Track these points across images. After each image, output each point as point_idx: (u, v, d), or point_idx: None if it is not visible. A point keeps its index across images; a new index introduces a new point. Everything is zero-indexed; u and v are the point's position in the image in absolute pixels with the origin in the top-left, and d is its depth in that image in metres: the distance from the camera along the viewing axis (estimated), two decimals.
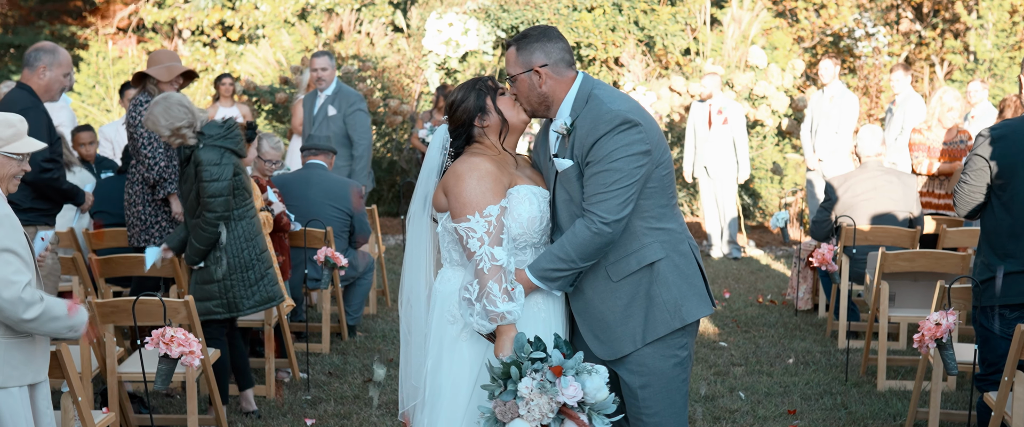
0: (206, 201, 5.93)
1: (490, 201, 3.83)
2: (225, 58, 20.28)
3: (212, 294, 6.07)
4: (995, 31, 16.19)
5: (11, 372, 4.10)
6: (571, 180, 3.87)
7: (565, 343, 3.60)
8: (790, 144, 14.87)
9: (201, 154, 5.91)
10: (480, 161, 3.89)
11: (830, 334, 8.35)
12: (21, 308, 4.01)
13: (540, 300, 3.94)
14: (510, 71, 3.95)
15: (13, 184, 4.25)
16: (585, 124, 3.84)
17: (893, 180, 8.09)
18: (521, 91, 3.92)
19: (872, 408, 6.51)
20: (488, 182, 3.84)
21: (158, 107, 5.88)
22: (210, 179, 5.91)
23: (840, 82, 11.69)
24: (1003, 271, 4.96)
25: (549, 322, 3.96)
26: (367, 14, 19.08)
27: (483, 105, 3.95)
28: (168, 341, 4.76)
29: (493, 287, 3.75)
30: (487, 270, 3.76)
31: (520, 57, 3.91)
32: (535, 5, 14.83)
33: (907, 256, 6.96)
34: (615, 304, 3.93)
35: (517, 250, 3.92)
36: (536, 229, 3.91)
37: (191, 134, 5.92)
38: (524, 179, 3.97)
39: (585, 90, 3.92)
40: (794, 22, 16.83)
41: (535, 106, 3.94)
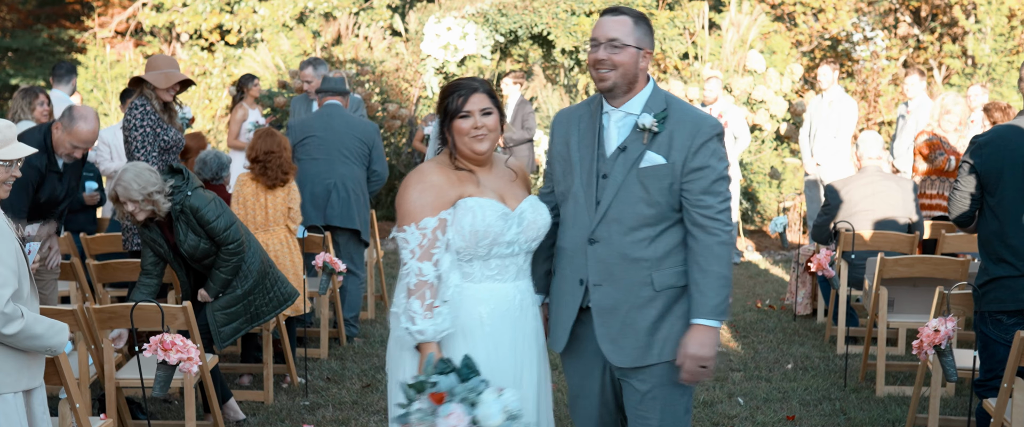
0: (222, 238, 6.00)
1: (428, 213, 3.76)
2: (223, 62, 20.27)
3: (238, 314, 6.18)
4: (993, 35, 16.21)
5: (5, 378, 4.07)
6: (656, 177, 3.79)
7: (466, 366, 3.47)
8: (788, 148, 14.87)
9: (190, 203, 5.92)
10: (431, 171, 3.85)
11: (829, 339, 8.34)
12: (1, 323, 3.95)
13: (511, 318, 3.86)
14: (622, 37, 3.80)
15: (3, 189, 4.25)
16: (684, 126, 3.80)
17: (892, 185, 8.08)
18: (622, 61, 3.78)
19: (871, 414, 6.50)
20: (430, 195, 3.78)
21: (128, 174, 5.80)
22: (213, 219, 5.96)
23: (839, 87, 11.70)
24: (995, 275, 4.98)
25: (519, 340, 3.88)
26: (365, 18, 19.09)
27: (446, 118, 3.87)
28: (166, 347, 4.75)
29: (414, 303, 3.70)
30: (412, 285, 3.72)
31: (636, 32, 3.81)
32: (534, 10, 14.83)
33: (906, 262, 6.95)
34: (650, 314, 3.86)
35: (462, 263, 3.83)
36: (481, 243, 3.78)
37: (163, 199, 5.87)
38: (484, 192, 3.85)
39: (660, 92, 3.88)
40: (793, 26, 16.84)
41: (617, 81, 3.80)
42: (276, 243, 7.17)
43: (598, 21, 3.86)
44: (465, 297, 3.82)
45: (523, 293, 3.92)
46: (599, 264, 3.85)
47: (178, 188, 5.95)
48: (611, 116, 3.88)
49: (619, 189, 3.81)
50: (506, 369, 3.82)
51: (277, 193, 7.22)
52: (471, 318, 3.82)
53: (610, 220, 3.83)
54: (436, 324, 3.69)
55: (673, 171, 3.78)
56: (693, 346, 3.77)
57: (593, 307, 3.90)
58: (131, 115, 6.93)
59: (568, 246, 3.94)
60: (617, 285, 3.85)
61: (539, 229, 3.90)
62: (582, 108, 3.99)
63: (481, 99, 3.84)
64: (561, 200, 4.00)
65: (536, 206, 3.93)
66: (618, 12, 3.85)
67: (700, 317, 3.77)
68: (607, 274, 3.85)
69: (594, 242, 3.85)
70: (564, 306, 3.99)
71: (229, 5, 20.99)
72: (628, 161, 3.82)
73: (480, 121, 3.82)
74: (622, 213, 3.81)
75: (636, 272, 3.83)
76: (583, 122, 3.94)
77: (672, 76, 14.85)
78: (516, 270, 3.90)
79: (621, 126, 3.87)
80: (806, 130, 11.90)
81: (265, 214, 7.15)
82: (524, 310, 3.91)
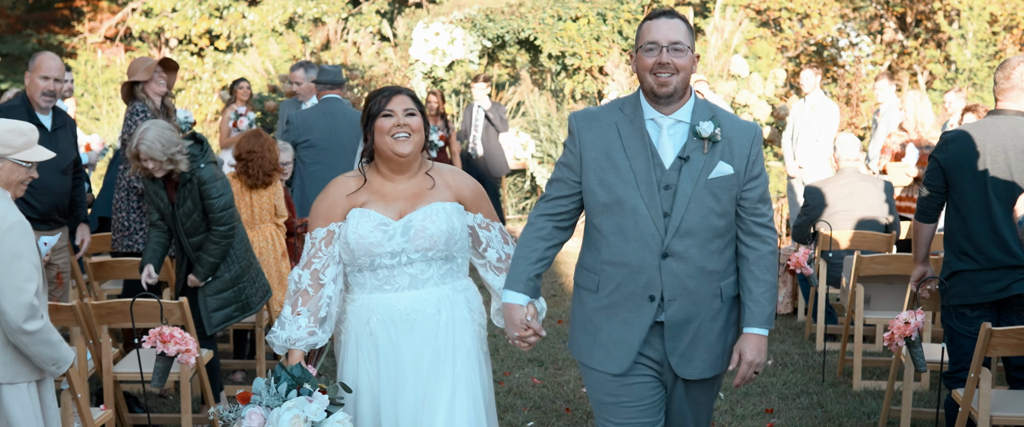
0: (218, 217, 6.15)
1: (319, 223, 3.85)
2: (213, 67, 20.41)
3: (229, 300, 6.35)
4: (975, 41, 16.44)
5: (20, 369, 4.27)
6: (726, 187, 3.71)
7: (288, 372, 3.47)
8: (772, 152, 15.07)
9: (200, 174, 6.09)
10: (338, 181, 3.92)
11: (808, 337, 8.54)
12: (24, 316, 4.14)
13: (402, 328, 3.85)
14: (683, 40, 3.68)
15: (21, 189, 4.42)
16: (740, 134, 3.74)
17: (869, 186, 8.29)
18: (684, 65, 3.65)
19: (847, 407, 6.70)
20: (325, 205, 3.86)
21: (151, 132, 5.99)
22: (217, 195, 6.13)
23: (821, 91, 11.91)
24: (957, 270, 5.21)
25: (411, 351, 3.86)
26: (354, 23, 19.25)
27: (369, 119, 3.88)
28: (165, 339, 4.92)
29: (285, 309, 3.82)
30: (290, 291, 3.83)
31: (690, 36, 3.71)
32: (521, 15, 15.03)
33: (881, 259, 7.16)
34: (717, 325, 3.81)
35: (354, 272, 3.87)
36: (358, 254, 3.79)
37: (183, 158, 6.05)
38: (374, 202, 3.85)
39: (700, 99, 3.79)
40: (778, 31, 17.04)
41: (677, 86, 3.66)
42: (261, 240, 7.31)
43: (652, 24, 3.70)
44: (356, 307, 3.88)
45: (420, 303, 3.85)
46: (674, 279, 3.71)
47: (194, 156, 6.12)
48: (660, 124, 3.72)
49: (689, 201, 3.67)
50: (394, 379, 3.84)
51: (262, 191, 7.36)
52: (361, 328, 3.87)
53: (684, 233, 3.69)
54: (286, 333, 3.78)
55: (739, 180, 3.72)
56: (752, 353, 3.77)
57: (666, 322, 3.76)
58: (131, 122, 7.09)
59: (632, 261, 3.73)
60: (692, 298, 3.74)
61: (432, 238, 3.81)
62: (613, 114, 3.80)
63: (404, 100, 3.85)
64: (599, 210, 3.79)
65: (431, 214, 3.84)
66: (672, 15, 3.72)
67: (756, 326, 3.77)
68: (682, 288, 3.72)
69: (668, 256, 3.70)
70: (625, 324, 3.80)
71: (218, 11, 21.11)
72: (694, 172, 3.68)
73: (403, 119, 3.81)
74: (696, 225, 3.68)
75: (709, 284, 3.75)
76: (624, 129, 3.74)
77: None
78: (409, 279, 3.84)
79: (674, 134, 3.73)
80: (789, 134, 12.09)
81: (251, 212, 7.30)
82: (421, 321, 3.85)
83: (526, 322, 3.85)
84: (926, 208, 5.41)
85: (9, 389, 4.29)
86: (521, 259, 3.89)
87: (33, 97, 6.63)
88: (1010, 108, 5.26)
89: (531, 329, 3.85)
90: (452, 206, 3.90)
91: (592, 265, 3.84)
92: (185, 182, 6.12)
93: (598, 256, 3.80)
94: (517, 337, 3.87)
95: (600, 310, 3.83)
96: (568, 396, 6.90)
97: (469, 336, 3.94)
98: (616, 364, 3.81)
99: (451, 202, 3.91)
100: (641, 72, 3.70)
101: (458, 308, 3.93)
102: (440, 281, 3.89)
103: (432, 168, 3.97)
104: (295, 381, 3.44)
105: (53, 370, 4.37)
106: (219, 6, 21.01)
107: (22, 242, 4.19)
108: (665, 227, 3.67)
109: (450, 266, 3.92)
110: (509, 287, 3.89)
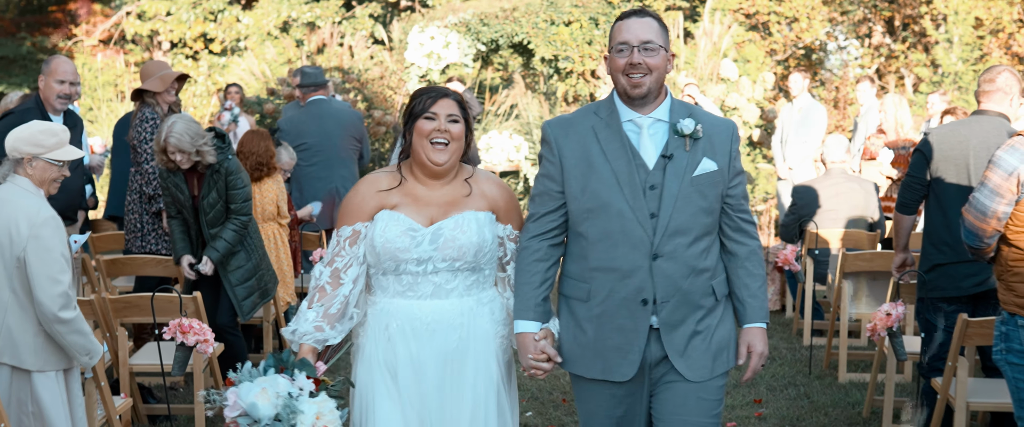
0: (239, 207, 6.44)
1: (346, 221, 3.74)
2: (208, 70, 20.60)
3: (253, 288, 6.66)
4: (960, 44, 16.73)
5: (49, 357, 4.53)
6: (712, 184, 3.65)
7: (279, 357, 3.44)
8: (761, 154, 15.34)
9: (227, 166, 6.37)
10: (370, 179, 3.81)
11: (796, 332, 8.81)
12: (59, 305, 4.43)
13: (420, 338, 3.75)
14: (655, 39, 3.62)
15: (54, 187, 4.69)
16: (719, 130, 3.70)
17: (855, 187, 8.57)
18: (657, 64, 3.60)
19: (833, 398, 6.97)
20: (354, 203, 3.75)
21: (179, 125, 6.24)
22: (240, 186, 6.42)
23: (808, 95, 12.17)
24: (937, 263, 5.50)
25: (429, 362, 3.75)
26: (348, 27, 19.48)
27: (406, 125, 3.77)
28: (185, 330, 5.17)
29: (303, 304, 3.73)
30: (311, 287, 3.75)
31: (663, 33, 3.64)
32: (514, 20, 15.30)
33: (866, 256, 7.44)
34: (711, 323, 3.72)
35: (377, 275, 3.77)
36: (384, 258, 3.69)
37: (210, 150, 6.32)
38: (405, 206, 3.73)
39: (676, 98, 3.74)
40: (767, 35, 17.29)
41: (651, 86, 3.60)
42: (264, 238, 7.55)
43: (623, 23, 3.64)
44: (377, 310, 3.78)
45: (441, 313, 3.74)
46: (666, 280, 3.63)
47: (220, 149, 6.40)
48: (640, 125, 3.66)
49: (677, 200, 3.60)
50: (404, 388, 3.74)
51: (265, 188, 7.57)
52: (379, 332, 3.76)
53: (673, 232, 3.61)
54: (294, 325, 3.68)
55: (723, 176, 3.67)
56: (760, 345, 3.77)
57: (661, 325, 3.67)
58: (141, 128, 7.30)
59: (622, 265, 3.64)
60: (685, 298, 3.66)
61: (461, 248, 3.69)
62: (588, 118, 3.72)
63: (450, 105, 3.71)
64: (583, 217, 3.69)
65: (462, 224, 3.72)
66: (643, 14, 3.65)
67: (759, 320, 3.76)
68: (675, 289, 3.64)
69: (659, 257, 3.61)
70: (621, 330, 3.70)
71: (213, 14, 21.32)
72: (679, 170, 3.62)
73: (445, 125, 3.68)
74: (684, 224, 3.61)
75: (701, 283, 3.67)
76: (602, 132, 3.67)
77: None
78: (433, 288, 3.73)
79: (654, 134, 3.66)
80: (778, 136, 12.34)
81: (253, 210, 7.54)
82: (442, 332, 3.74)
83: (540, 348, 3.71)
84: (908, 200, 5.70)
85: (40, 377, 4.54)
86: (524, 286, 3.76)
87: (48, 99, 6.88)
88: (992, 109, 5.57)
89: (545, 354, 3.72)
90: (485, 216, 3.77)
91: (580, 274, 3.73)
92: (212, 173, 6.38)
93: (586, 264, 3.70)
94: (532, 365, 3.72)
95: (593, 319, 3.71)
96: (564, 387, 7.14)
97: (490, 350, 3.82)
98: (619, 372, 3.71)
99: (485, 212, 3.78)
100: (614, 73, 3.64)
101: (481, 320, 3.80)
102: (465, 292, 3.78)
103: (471, 175, 3.82)
104: (280, 364, 3.40)
105: (85, 361, 4.63)
106: (213, 9, 21.21)
107: (55, 236, 4.46)
108: (654, 228, 3.59)
109: (477, 277, 3.80)
110: (519, 316, 3.76)
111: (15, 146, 4.58)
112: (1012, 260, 4.24)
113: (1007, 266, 4.26)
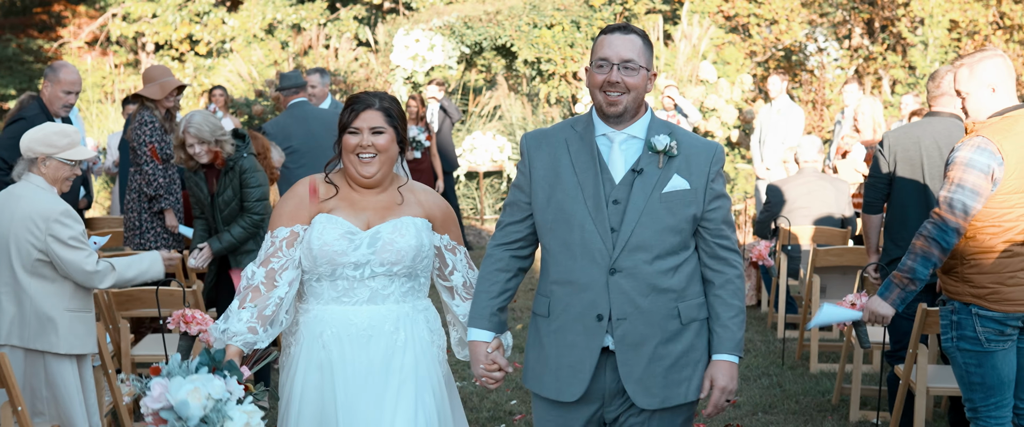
0: (251, 205, 6.55)
1: (282, 222, 3.68)
2: (194, 72, 20.81)
3: None
4: (936, 47, 17.04)
5: (74, 341, 4.86)
6: (682, 203, 3.52)
7: (211, 356, 3.30)
8: (740, 154, 15.66)
9: (243, 164, 6.53)
10: (306, 181, 3.77)
11: (771, 325, 9.14)
12: (96, 282, 4.91)
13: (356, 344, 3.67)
14: (636, 59, 3.51)
15: (66, 185, 5.02)
16: (699, 151, 3.57)
17: (827, 185, 8.90)
18: (635, 84, 3.49)
19: (804, 386, 7.30)
20: (291, 204, 3.70)
21: (198, 117, 6.45)
22: (255, 185, 6.55)
23: (786, 96, 12.48)
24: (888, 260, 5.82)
25: (364, 369, 3.66)
26: (333, 30, 19.74)
27: (339, 131, 3.72)
28: (188, 320, 5.44)
29: (233, 303, 3.62)
30: (242, 286, 3.65)
31: (646, 53, 3.54)
32: (498, 23, 15.63)
33: (836, 251, 7.76)
34: (676, 349, 3.55)
35: (312, 281, 3.70)
36: (320, 261, 3.62)
37: (228, 144, 6.51)
38: (341, 209, 3.70)
39: (656, 117, 3.64)
40: (747, 37, 17.59)
41: (628, 106, 3.50)
42: None
43: (606, 39, 3.55)
44: (310, 318, 3.70)
45: (378, 319, 3.68)
46: (623, 296, 3.50)
47: (238, 147, 6.58)
48: (612, 139, 3.57)
49: (641, 215, 3.49)
50: (345, 396, 3.64)
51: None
52: (313, 340, 3.68)
53: (634, 248, 3.48)
54: (226, 324, 3.56)
55: (696, 198, 3.53)
56: (723, 379, 3.55)
57: (617, 345, 3.52)
58: (140, 131, 7.54)
59: (579, 278, 3.53)
60: (644, 318, 3.51)
61: (399, 252, 3.65)
62: (564, 131, 3.65)
63: (373, 116, 3.65)
64: (548, 229, 3.61)
65: (400, 228, 3.69)
66: (628, 30, 3.54)
67: (726, 353, 3.55)
68: (632, 306, 3.50)
69: (616, 272, 3.49)
70: (573, 347, 3.57)
71: (198, 16, 21.53)
72: (647, 185, 3.51)
73: (367, 140, 3.63)
74: (646, 240, 3.49)
75: (663, 304, 3.52)
76: (574, 145, 3.59)
77: None
78: (369, 294, 3.68)
79: (626, 149, 3.56)
80: (756, 137, 12.66)
81: None
82: (378, 338, 3.67)
83: (491, 357, 3.66)
84: (872, 199, 6.01)
85: (55, 362, 4.84)
86: (482, 294, 3.70)
87: (53, 105, 7.20)
88: (944, 111, 5.87)
89: (496, 365, 3.66)
90: (422, 222, 3.74)
91: (543, 288, 3.65)
92: (227, 170, 6.55)
93: (548, 277, 3.62)
94: (483, 374, 3.67)
95: (552, 334, 3.61)
96: None
97: (428, 357, 3.76)
98: (567, 392, 3.58)
99: (421, 218, 3.76)
100: (592, 89, 3.55)
101: (418, 328, 3.75)
102: (401, 299, 3.72)
103: (404, 185, 3.81)
104: (213, 363, 3.29)
105: (158, 278, 5.18)
106: (199, 12, 21.42)
107: (75, 225, 4.80)
108: (613, 242, 3.49)
109: (412, 284, 3.75)
110: (473, 324, 3.69)
111: (30, 146, 4.89)
112: (971, 253, 4.52)
113: (964, 259, 4.55)
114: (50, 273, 4.88)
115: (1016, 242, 4.48)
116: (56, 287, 4.89)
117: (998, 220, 4.45)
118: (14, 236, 4.83)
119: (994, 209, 4.45)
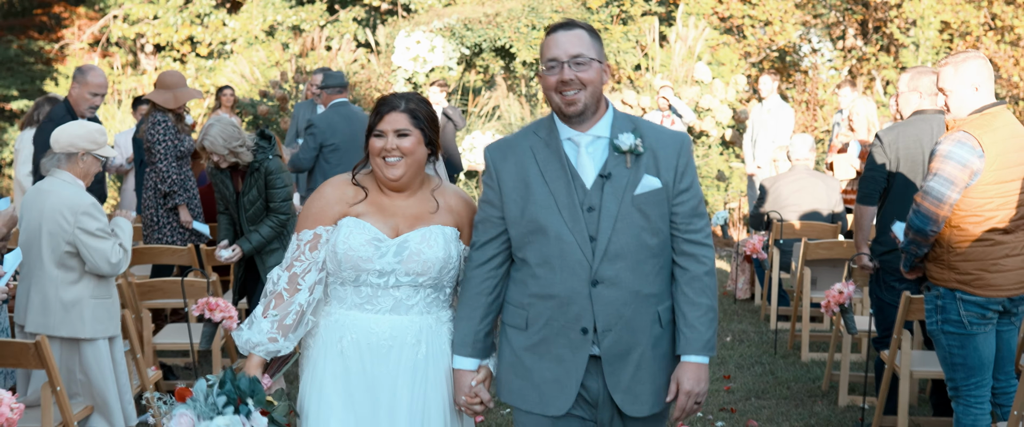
0: (278, 206, 6.76)
1: (308, 225, 3.57)
2: (195, 73, 21.03)
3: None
4: (927, 48, 17.29)
5: (97, 326, 5.15)
6: (655, 203, 3.41)
7: (234, 385, 3.28)
8: (734, 153, 15.95)
9: (268, 166, 6.74)
10: (333, 182, 3.66)
11: (764, 317, 9.45)
12: (121, 267, 5.25)
13: (376, 354, 3.55)
14: (585, 52, 3.39)
15: (90, 180, 5.36)
16: (666, 144, 3.45)
17: (817, 182, 9.20)
18: (590, 78, 3.37)
19: (795, 374, 7.61)
20: (316, 206, 3.59)
21: (214, 129, 6.70)
22: (281, 186, 6.77)
23: (777, 96, 12.79)
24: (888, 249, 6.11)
25: (384, 380, 3.56)
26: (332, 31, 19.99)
27: (367, 133, 3.60)
28: (212, 308, 5.75)
29: (257, 308, 3.57)
30: (267, 291, 3.58)
31: (595, 44, 3.42)
32: (497, 24, 15.92)
33: (826, 245, 8.08)
34: (659, 353, 3.48)
35: (335, 285, 3.59)
36: (344, 266, 3.51)
37: (245, 151, 6.72)
38: (369, 214, 3.57)
39: (619, 113, 3.51)
40: (741, 38, 17.76)
41: (587, 102, 3.38)
42: None
43: (550, 38, 3.43)
44: (331, 322, 3.59)
45: (400, 330, 3.55)
46: (607, 308, 3.40)
47: (263, 148, 6.80)
48: (578, 142, 3.44)
49: (616, 221, 3.38)
50: (358, 406, 3.55)
51: None
52: (331, 345, 3.58)
53: (614, 256, 3.38)
54: (248, 335, 3.52)
55: (668, 193, 3.42)
56: (690, 382, 3.44)
57: (603, 356, 3.43)
58: (154, 131, 7.81)
59: (560, 292, 3.41)
60: (629, 327, 3.42)
61: (425, 263, 3.50)
62: (528, 138, 3.51)
63: (398, 118, 3.52)
64: (524, 242, 3.47)
65: (429, 238, 3.54)
66: (571, 26, 3.43)
67: (693, 354, 3.44)
68: (617, 317, 3.41)
69: (599, 283, 3.39)
70: (560, 361, 3.47)
71: (199, 17, 21.75)
72: (618, 189, 3.39)
73: (392, 143, 3.51)
74: (625, 247, 3.38)
75: (647, 310, 3.43)
76: (540, 152, 3.46)
77: (625, 86, 15.95)
78: (393, 303, 3.55)
79: (593, 152, 3.43)
80: (749, 136, 12.97)
81: None
82: (399, 350, 3.55)
83: (474, 391, 3.55)
84: (869, 191, 6.27)
85: (89, 346, 5.15)
86: (465, 320, 3.56)
87: (79, 106, 7.53)
88: (927, 108, 6.15)
89: (478, 398, 3.56)
90: (451, 232, 3.60)
91: (519, 300, 3.50)
92: (252, 172, 6.78)
93: (525, 290, 3.48)
94: (464, 405, 3.57)
95: (530, 348, 3.49)
96: None
97: (448, 373, 3.61)
98: (553, 406, 3.47)
99: (451, 228, 3.61)
100: (547, 92, 3.43)
101: (441, 341, 3.61)
102: (425, 310, 3.59)
103: (438, 188, 3.66)
104: (237, 394, 3.26)
105: (129, 235, 5.48)
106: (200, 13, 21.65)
107: (102, 217, 5.11)
108: (593, 251, 3.37)
109: (437, 295, 3.61)
110: (457, 352, 3.57)
111: (73, 142, 5.20)
112: (956, 242, 4.84)
113: (950, 247, 4.87)
114: (76, 264, 5.19)
115: (998, 230, 4.79)
116: (80, 277, 5.21)
117: (979, 209, 4.76)
118: (47, 230, 5.14)
119: (975, 199, 4.76)
